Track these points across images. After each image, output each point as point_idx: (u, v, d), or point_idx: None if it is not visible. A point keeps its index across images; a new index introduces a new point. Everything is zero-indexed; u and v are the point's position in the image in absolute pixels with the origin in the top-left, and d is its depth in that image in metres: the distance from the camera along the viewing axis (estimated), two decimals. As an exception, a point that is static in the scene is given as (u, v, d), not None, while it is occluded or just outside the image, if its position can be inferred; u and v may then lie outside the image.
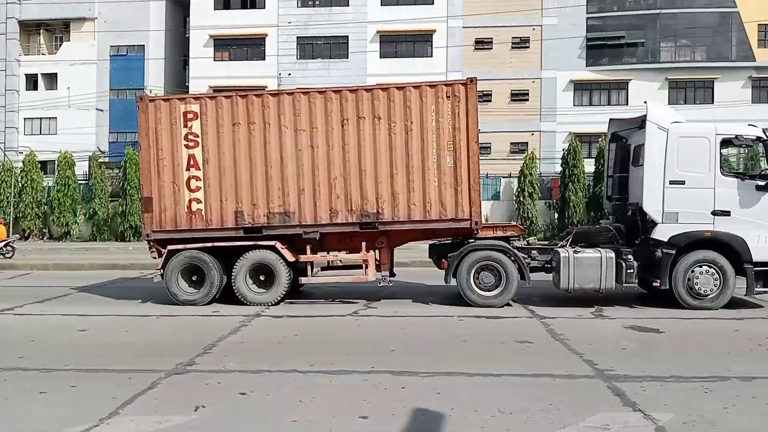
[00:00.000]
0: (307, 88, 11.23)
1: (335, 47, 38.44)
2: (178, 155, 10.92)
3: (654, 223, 10.52)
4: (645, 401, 5.63)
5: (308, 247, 11.03)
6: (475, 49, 37.32)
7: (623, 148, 12.03)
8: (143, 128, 11.02)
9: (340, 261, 11.45)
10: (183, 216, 10.94)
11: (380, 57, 37.88)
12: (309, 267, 11.16)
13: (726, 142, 10.52)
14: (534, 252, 11.18)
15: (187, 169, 10.90)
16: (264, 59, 38.17)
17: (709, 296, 10.42)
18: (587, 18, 37.01)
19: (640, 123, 11.31)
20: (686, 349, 7.82)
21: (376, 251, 11.14)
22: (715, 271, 10.40)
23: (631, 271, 10.56)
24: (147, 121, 10.99)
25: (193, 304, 11.00)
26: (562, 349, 7.78)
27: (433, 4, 37.43)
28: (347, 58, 38.20)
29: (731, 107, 34.29)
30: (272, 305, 10.99)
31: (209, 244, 10.98)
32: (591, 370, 6.74)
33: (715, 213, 10.27)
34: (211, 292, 11.02)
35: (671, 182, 10.34)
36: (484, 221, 13.31)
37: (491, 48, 37.23)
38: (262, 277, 11.11)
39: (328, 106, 10.72)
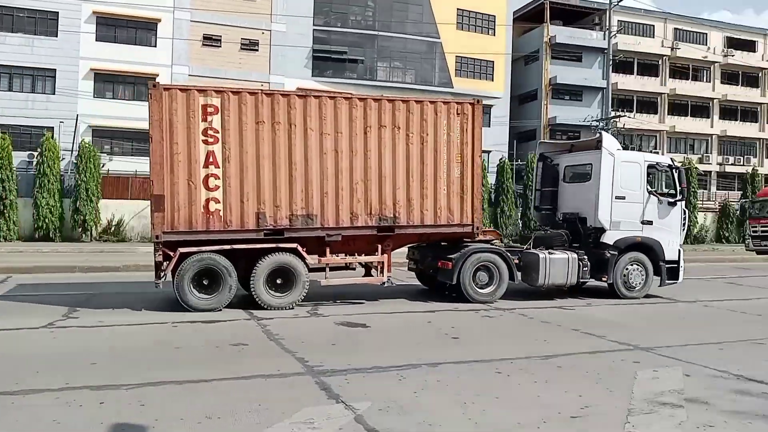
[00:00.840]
0: (333, 93, 11.32)
1: (42, 22, 34.07)
2: (195, 151, 10.08)
3: (603, 230, 12.84)
4: (348, 393, 6.00)
5: (327, 249, 10.90)
6: (203, 44, 36.33)
7: (551, 167, 14.12)
8: (156, 119, 9.84)
9: (361, 264, 11.72)
10: (199, 216, 10.12)
11: (96, 40, 34.68)
12: (327, 269, 11.10)
13: (650, 167, 13.10)
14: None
15: (205, 167, 10.11)
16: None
17: (636, 288, 13.16)
18: (314, 29, 38.61)
19: (570, 147, 14.30)
20: (387, 342, 8.56)
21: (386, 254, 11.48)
22: (642, 268, 13.14)
23: (586, 269, 12.66)
24: (160, 112, 9.87)
25: (208, 310, 10.17)
26: (276, 348, 7.91)
27: (158, -9, 35.46)
28: (56, 36, 34.16)
29: (434, 126, 38.84)
30: (289, 308, 10.70)
31: (227, 247, 10.27)
32: (302, 367, 6.97)
33: (643, 222, 12.99)
34: (227, 297, 10.36)
35: (616, 197, 12.76)
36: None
37: (220, 46, 36.63)
38: (279, 281, 10.75)
39: (353, 112, 10.92)
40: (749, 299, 14.07)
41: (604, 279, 13.00)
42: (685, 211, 13.56)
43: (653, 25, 48.23)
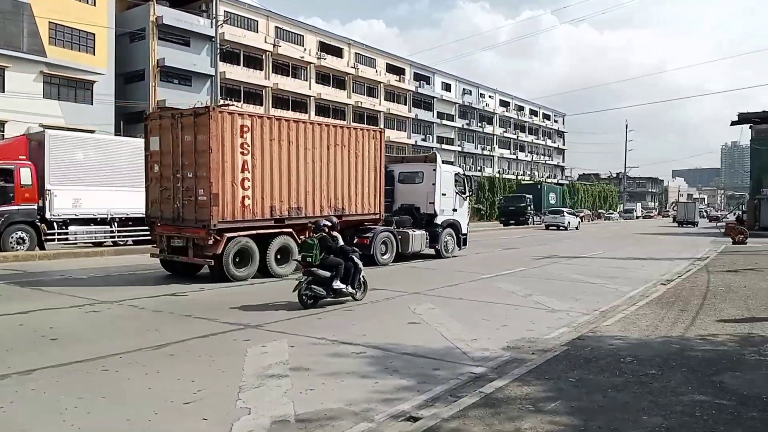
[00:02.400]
0: (320, 121, 19.78)
1: None
2: (236, 160, 13.34)
3: (435, 215, 19.35)
4: None
5: (307, 233, 12.89)
6: None
7: (388, 172, 18.73)
8: (214, 134, 12.87)
9: None
10: (238, 209, 13.47)
11: None
12: None
13: (456, 175, 20.51)
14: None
15: (241, 172, 13.47)
16: None
17: (450, 251, 20.15)
18: None
19: (401, 159, 21.75)
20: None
21: None
22: (454, 239, 20.27)
23: (427, 240, 19.05)
24: (216, 129, 12.93)
25: (243, 279, 13.58)
26: None
27: None
28: None
29: (24, 98, 33.86)
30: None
31: (254, 232, 13.81)
32: None
33: (453, 210, 20.08)
34: (253, 270, 13.95)
35: (442, 194, 19.51)
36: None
37: None
38: (278, 256, 14.48)
39: (323, 133, 15.49)
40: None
41: (436, 246, 19.49)
42: (470, 203, 21.49)
43: (257, 21, 50.86)
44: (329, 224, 10.83)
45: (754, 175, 48.32)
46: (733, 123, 48.21)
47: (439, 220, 19.47)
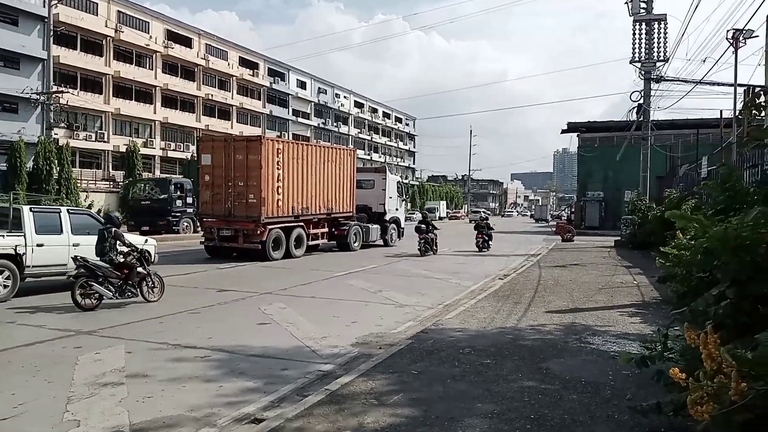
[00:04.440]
0: (320, 144, 30.12)
1: None
2: (273, 173, 18.76)
3: (385, 213, 24.85)
4: None
5: (311, 226, 20.87)
6: None
7: None
8: (265, 156, 18.37)
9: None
10: (275, 209, 18.87)
11: None
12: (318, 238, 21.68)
13: (398, 183, 26.61)
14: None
15: (277, 182, 18.86)
16: None
17: (393, 242, 25.63)
18: None
19: (357, 169, 24.87)
20: None
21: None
22: (396, 232, 26.03)
23: (379, 233, 24.39)
24: (266, 152, 18.45)
25: (277, 260, 18.65)
26: None
27: None
28: None
29: None
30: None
31: (283, 224, 19.27)
32: None
33: (396, 209, 26.18)
34: (283, 252, 19.14)
35: (389, 197, 25.08)
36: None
37: None
38: (294, 243, 19.75)
39: (321, 153, 21.57)
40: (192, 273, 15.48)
41: (384, 237, 24.87)
42: (405, 204, 28.50)
43: (97, 3, 47.27)
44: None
45: (581, 179, 52.33)
46: (563, 131, 51.94)
47: (387, 218, 25.18)
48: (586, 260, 19.64)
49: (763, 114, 5.88)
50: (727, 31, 21.27)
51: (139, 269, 10.44)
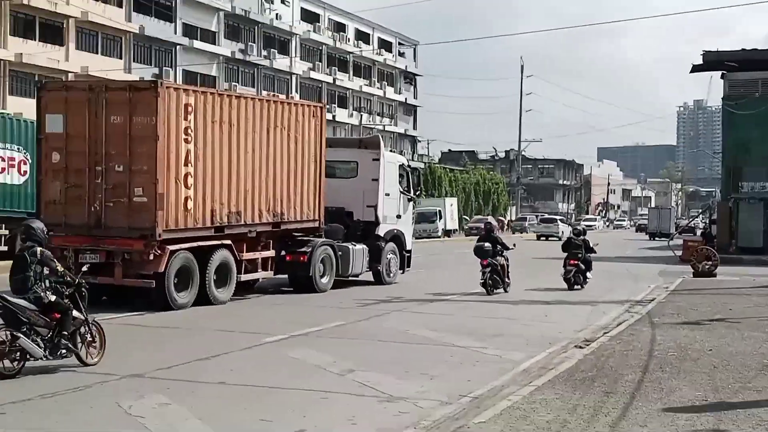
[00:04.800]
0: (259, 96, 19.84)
1: None
2: (180, 150, 11.04)
3: (377, 223, 14.99)
4: None
5: (244, 247, 12.85)
6: None
7: None
8: (163, 118, 10.78)
9: None
10: (181, 214, 11.34)
11: None
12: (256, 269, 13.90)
13: (401, 166, 16.23)
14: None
15: (185, 165, 11.18)
16: None
17: (392, 275, 15.54)
18: None
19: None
20: None
21: None
22: (397, 257, 15.68)
23: (366, 260, 14.91)
24: (167, 110, 10.94)
25: (184, 307, 11.24)
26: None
27: None
28: None
29: None
30: None
31: (195, 244, 11.61)
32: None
33: (398, 216, 15.69)
34: (195, 293, 11.61)
35: (386, 194, 15.17)
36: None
37: None
38: (215, 278, 11.83)
39: (263, 111, 13.02)
40: None
41: (375, 267, 15.28)
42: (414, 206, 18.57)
43: None
44: None
45: (728, 160, 31.03)
46: (695, 68, 31.22)
47: (381, 231, 14.98)
48: (740, 312, 12.26)
49: None
50: None
51: (75, 313, 6.88)
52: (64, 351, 6.75)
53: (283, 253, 13.50)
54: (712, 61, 29.93)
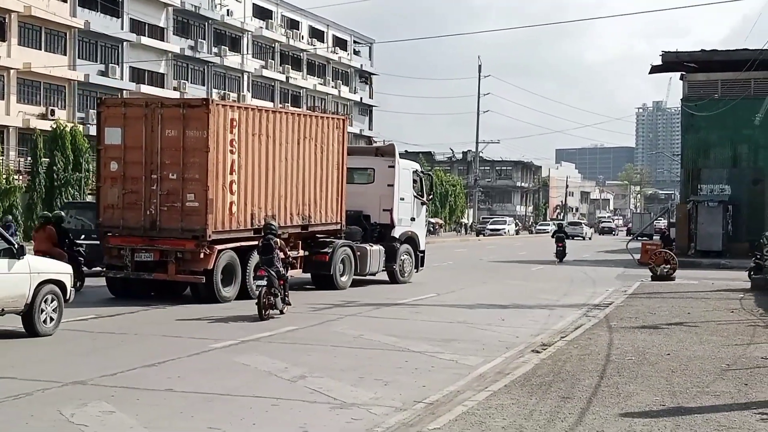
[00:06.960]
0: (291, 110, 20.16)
1: None
2: (226, 160, 12.37)
3: (392, 226, 16.50)
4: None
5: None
6: None
7: None
8: (214, 132, 12.04)
9: None
10: (227, 217, 12.82)
11: None
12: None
13: (414, 172, 17.76)
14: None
15: (230, 173, 12.55)
16: None
17: (406, 275, 16.96)
18: None
19: None
20: None
21: None
22: (412, 258, 17.15)
23: (383, 260, 16.30)
24: (217, 125, 12.19)
25: (228, 300, 12.66)
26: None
27: None
28: None
29: None
30: None
31: (237, 244, 13.00)
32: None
33: (412, 219, 17.27)
34: (237, 289, 13.04)
35: (401, 199, 16.67)
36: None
37: None
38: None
39: (295, 124, 14.56)
40: None
41: (391, 267, 16.62)
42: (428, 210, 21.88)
43: None
44: None
45: (687, 161, 30.37)
46: (654, 69, 30.90)
47: (396, 233, 16.60)
48: (698, 316, 12.17)
49: None
50: None
51: None
52: (282, 304, 10.86)
53: (306, 252, 14.69)
54: (671, 62, 29.85)
